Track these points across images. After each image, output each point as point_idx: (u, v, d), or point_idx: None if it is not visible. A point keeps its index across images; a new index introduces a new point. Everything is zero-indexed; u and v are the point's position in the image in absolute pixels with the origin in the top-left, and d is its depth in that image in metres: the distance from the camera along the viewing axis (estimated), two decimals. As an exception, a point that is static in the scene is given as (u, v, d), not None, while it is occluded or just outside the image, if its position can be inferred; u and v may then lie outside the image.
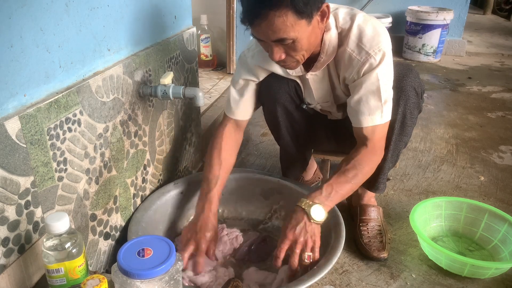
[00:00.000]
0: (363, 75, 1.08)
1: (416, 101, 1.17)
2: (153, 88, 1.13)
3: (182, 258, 1.00)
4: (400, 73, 1.15)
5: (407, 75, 1.15)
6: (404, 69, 1.16)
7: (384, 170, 1.28)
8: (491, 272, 1.16)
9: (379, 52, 1.06)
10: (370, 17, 1.12)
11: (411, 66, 1.22)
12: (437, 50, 3.47)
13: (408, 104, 1.16)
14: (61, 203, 0.88)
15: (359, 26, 1.07)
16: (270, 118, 1.33)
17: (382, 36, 1.07)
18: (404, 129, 1.20)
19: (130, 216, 1.18)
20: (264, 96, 1.27)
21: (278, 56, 1.00)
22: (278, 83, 1.23)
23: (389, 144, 1.21)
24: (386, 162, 1.26)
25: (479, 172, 1.77)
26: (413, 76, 1.16)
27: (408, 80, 1.15)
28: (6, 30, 0.70)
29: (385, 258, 1.25)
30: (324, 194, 1.08)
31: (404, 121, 1.19)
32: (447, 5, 3.50)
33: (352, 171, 1.11)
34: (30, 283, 0.81)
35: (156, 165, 1.31)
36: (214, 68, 3.03)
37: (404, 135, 1.22)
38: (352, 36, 1.07)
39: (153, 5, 1.19)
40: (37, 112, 0.78)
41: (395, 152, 1.25)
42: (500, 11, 5.83)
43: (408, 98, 1.15)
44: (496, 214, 1.30)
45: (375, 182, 1.32)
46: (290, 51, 1.00)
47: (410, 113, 1.18)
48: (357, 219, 1.36)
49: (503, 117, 2.39)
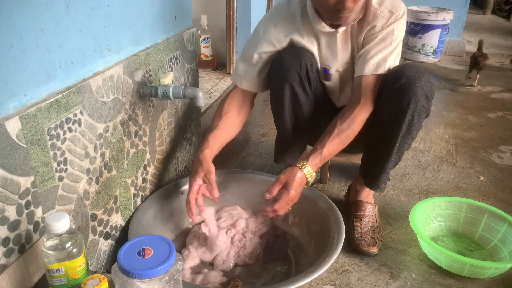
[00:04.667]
0: (382, 29, 1.17)
1: (425, 105, 1.17)
2: (153, 88, 1.13)
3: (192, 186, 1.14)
4: (413, 76, 1.15)
5: (420, 78, 1.15)
6: (417, 72, 1.16)
7: (386, 170, 1.28)
8: (491, 272, 1.16)
9: (398, 11, 1.17)
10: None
11: (423, 69, 1.21)
12: (436, 50, 3.47)
13: (418, 107, 1.16)
14: (62, 203, 0.88)
15: None
16: (275, 97, 1.33)
17: (400, 2, 1.18)
18: (411, 131, 1.20)
19: (130, 216, 1.18)
20: (274, 73, 1.28)
21: (351, 4, 1.07)
22: (290, 61, 1.25)
23: (394, 144, 1.21)
24: (389, 162, 1.25)
25: (478, 172, 1.77)
26: (425, 80, 1.16)
27: (420, 83, 1.14)
28: (6, 30, 0.70)
29: (375, 253, 1.26)
30: (321, 157, 1.16)
31: (412, 123, 1.18)
32: (447, 5, 3.51)
33: (345, 131, 1.17)
34: (30, 283, 0.82)
35: (157, 165, 1.32)
36: (214, 68, 3.03)
37: (409, 138, 1.22)
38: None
39: (153, 5, 1.20)
40: (38, 112, 0.78)
41: (399, 152, 1.25)
42: (500, 11, 5.84)
43: (418, 101, 1.15)
44: (496, 214, 1.30)
45: (377, 181, 1.31)
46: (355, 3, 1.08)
47: (418, 116, 1.18)
48: (352, 214, 1.36)
49: (503, 117, 2.39)
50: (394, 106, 1.17)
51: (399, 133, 1.19)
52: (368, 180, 1.34)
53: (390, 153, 1.23)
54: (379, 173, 1.29)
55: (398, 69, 1.18)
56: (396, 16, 1.16)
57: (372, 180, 1.32)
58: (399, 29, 1.18)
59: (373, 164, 1.31)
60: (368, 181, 1.34)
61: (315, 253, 1.19)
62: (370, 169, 1.33)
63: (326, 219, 1.20)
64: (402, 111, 1.16)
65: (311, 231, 1.26)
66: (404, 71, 1.16)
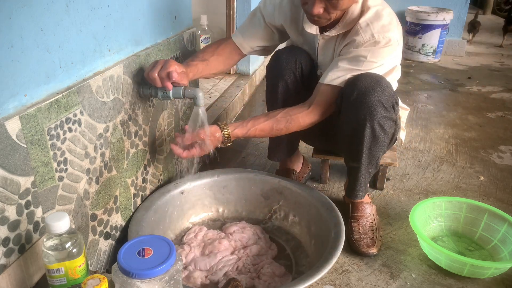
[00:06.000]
0: (357, 47, 1.14)
1: (385, 114, 1.15)
2: (153, 88, 1.13)
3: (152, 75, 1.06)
4: (365, 87, 1.12)
5: (373, 89, 1.12)
6: (371, 83, 1.13)
7: (360, 179, 1.30)
8: (491, 272, 1.16)
9: (382, 40, 1.11)
10: (395, 15, 1.18)
11: (379, 78, 1.15)
12: (436, 50, 3.47)
13: (375, 118, 1.14)
14: (62, 203, 0.88)
15: (378, 11, 1.13)
16: (270, 93, 1.36)
17: (394, 29, 1.12)
18: (378, 140, 1.19)
19: (130, 216, 1.18)
20: (270, 69, 1.31)
21: (317, 10, 1.05)
22: (286, 60, 1.27)
23: (360, 156, 1.22)
24: (361, 172, 1.27)
25: (478, 172, 1.77)
26: (380, 90, 1.13)
27: (374, 94, 1.12)
28: (6, 30, 0.70)
29: (374, 254, 1.26)
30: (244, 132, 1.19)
31: (375, 134, 1.18)
32: (447, 5, 3.51)
33: (281, 125, 1.19)
34: (30, 283, 0.82)
35: (157, 165, 1.32)
36: (214, 68, 3.02)
37: (379, 145, 1.22)
38: (367, 16, 1.13)
39: (153, 6, 1.19)
40: (38, 112, 0.78)
41: (372, 160, 1.25)
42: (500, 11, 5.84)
43: (374, 113, 1.13)
44: (496, 214, 1.30)
45: (354, 190, 1.34)
46: (331, 8, 1.05)
47: (380, 125, 1.16)
48: (350, 215, 1.37)
49: (503, 117, 2.39)
50: (352, 120, 1.17)
51: (362, 145, 1.19)
52: (346, 189, 1.38)
53: (359, 163, 1.24)
54: (354, 183, 1.32)
55: (352, 81, 1.15)
56: (376, 42, 1.11)
57: (349, 189, 1.36)
58: (382, 56, 1.13)
59: (348, 174, 1.35)
60: (346, 190, 1.38)
61: (315, 253, 1.19)
62: (348, 178, 1.36)
63: (326, 219, 1.20)
64: (360, 125, 1.16)
65: (311, 231, 1.26)
66: (357, 83, 1.13)
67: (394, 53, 1.15)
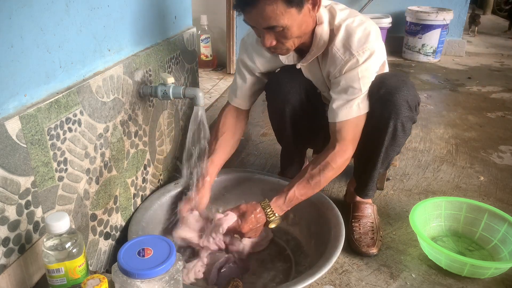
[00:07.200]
0: (344, 73, 1.11)
1: (408, 114, 1.15)
2: (153, 88, 1.13)
3: None
4: (393, 86, 1.12)
5: (400, 88, 1.12)
6: (398, 82, 1.13)
7: (373, 178, 1.30)
8: (491, 272, 1.16)
9: (365, 53, 1.08)
10: (367, 18, 1.14)
11: (405, 78, 1.17)
12: (436, 50, 3.47)
13: (400, 118, 1.14)
14: (62, 203, 0.88)
15: (348, 27, 1.10)
16: (276, 117, 1.34)
17: (371, 37, 1.09)
18: (396, 140, 1.19)
19: (130, 216, 1.18)
20: (272, 94, 1.28)
21: (269, 42, 1.03)
22: (290, 83, 1.25)
23: (379, 154, 1.22)
24: (375, 171, 1.27)
25: (478, 172, 1.77)
26: (406, 89, 1.13)
27: (401, 93, 1.12)
28: (6, 30, 0.70)
29: (375, 254, 1.25)
30: (285, 200, 1.14)
31: (395, 133, 1.17)
32: (447, 5, 3.50)
33: (316, 177, 1.15)
34: (30, 283, 0.82)
35: (157, 165, 1.32)
36: (214, 68, 3.03)
37: (396, 146, 1.21)
38: (339, 35, 1.10)
39: (153, 5, 1.20)
40: (38, 112, 0.78)
41: (386, 160, 1.25)
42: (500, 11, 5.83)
43: (399, 112, 1.13)
44: (496, 214, 1.30)
45: (365, 189, 1.34)
46: (281, 38, 1.03)
47: (402, 125, 1.16)
48: (350, 215, 1.36)
49: (503, 117, 2.39)
50: (377, 117, 1.16)
51: (383, 143, 1.19)
52: (357, 188, 1.38)
53: (376, 162, 1.24)
54: (367, 181, 1.31)
55: (379, 79, 1.14)
56: (358, 60, 1.09)
57: (360, 188, 1.35)
58: (369, 70, 1.11)
59: (361, 172, 1.33)
60: (357, 189, 1.38)
61: (315, 253, 1.19)
62: (359, 176, 1.35)
63: (326, 219, 1.20)
64: (384, 123, 1.15)
65: (311, 231, 1.26)
66: (384, 81, 1.13)
67: (379, 57, 1.13)
